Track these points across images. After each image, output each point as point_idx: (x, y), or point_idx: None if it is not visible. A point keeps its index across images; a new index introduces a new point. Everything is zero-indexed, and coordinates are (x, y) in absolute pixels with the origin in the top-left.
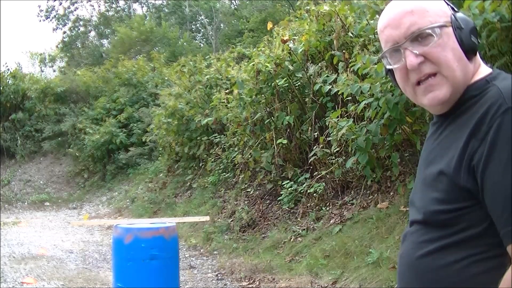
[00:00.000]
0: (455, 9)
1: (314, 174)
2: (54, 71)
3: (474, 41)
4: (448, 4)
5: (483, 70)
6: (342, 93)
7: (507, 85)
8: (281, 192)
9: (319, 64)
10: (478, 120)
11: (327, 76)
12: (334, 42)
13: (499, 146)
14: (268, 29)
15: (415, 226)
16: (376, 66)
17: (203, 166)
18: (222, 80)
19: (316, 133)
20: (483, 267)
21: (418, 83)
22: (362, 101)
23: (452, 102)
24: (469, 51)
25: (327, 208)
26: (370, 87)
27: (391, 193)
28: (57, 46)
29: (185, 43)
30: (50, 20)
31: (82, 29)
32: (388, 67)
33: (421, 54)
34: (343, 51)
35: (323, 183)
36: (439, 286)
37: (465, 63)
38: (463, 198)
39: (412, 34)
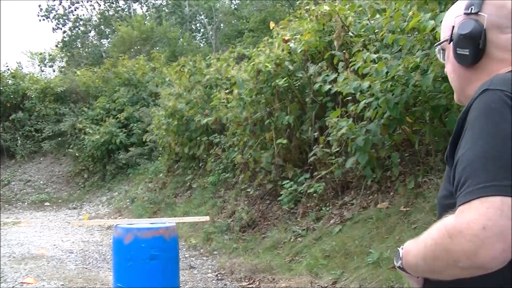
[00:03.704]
0: (470, 11)
1: (314, 174)
2: (54, 71)
3: (460, 52)
4: (469, 6)
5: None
6: (342, 93)
7: (501, 75)
8: (281, 192)
9: (319, 64)
10: (466, 108)
11: (327, 75)
12: (335, 42)
13: (469, 126)
14: (271, 28)
15: None
16: (376, 65)
17: (203, 166)
18: (222, 80)
19: (316, 133)
20: None
21: None
22: (362, 100)
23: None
24: (461, 62)
25: (327, 208)
26: (370, 86)
27: (391, 193)
28: (57, 46)
29: (185, 43)
30: (50, 20)
31: (82, 29)
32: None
33: None
34: (343, 51)
35: (323, 183)
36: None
37: (459, 73)
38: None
39: None
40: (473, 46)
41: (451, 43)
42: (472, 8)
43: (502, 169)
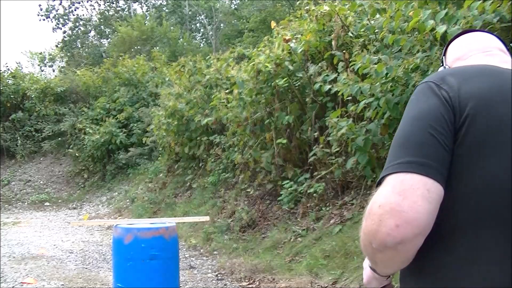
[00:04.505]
0: (442, 61)
1: (314, 174)
2: (54, 71)
3: None
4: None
5: None
6: (342, 93)
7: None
8: (281, 192)
9: (319, 64)
10: None
11: (327, 75)
12: (332, 42)
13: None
14: (272, 27)
15: None
16: (376, 66)
17: (203, 166)
18: (222, 80)
19: (316, 133)
20: None
21: None
22: (362, 100)
23: None
24: None
25: (327, 208)
26: (370, 87)
27: None
28: (57, 46)
29: (185, 43)
30: (50, 20)
31: (82, 29)
32: None
33: None
34: (343, 51)
35: (323, 183)
36: None
37: None
38: None
39: None
40: None
41: None
42: (442, 58)
43: (401, 148)
